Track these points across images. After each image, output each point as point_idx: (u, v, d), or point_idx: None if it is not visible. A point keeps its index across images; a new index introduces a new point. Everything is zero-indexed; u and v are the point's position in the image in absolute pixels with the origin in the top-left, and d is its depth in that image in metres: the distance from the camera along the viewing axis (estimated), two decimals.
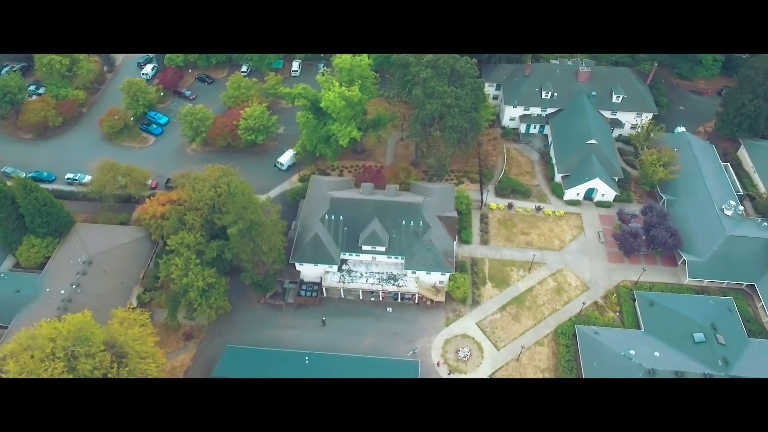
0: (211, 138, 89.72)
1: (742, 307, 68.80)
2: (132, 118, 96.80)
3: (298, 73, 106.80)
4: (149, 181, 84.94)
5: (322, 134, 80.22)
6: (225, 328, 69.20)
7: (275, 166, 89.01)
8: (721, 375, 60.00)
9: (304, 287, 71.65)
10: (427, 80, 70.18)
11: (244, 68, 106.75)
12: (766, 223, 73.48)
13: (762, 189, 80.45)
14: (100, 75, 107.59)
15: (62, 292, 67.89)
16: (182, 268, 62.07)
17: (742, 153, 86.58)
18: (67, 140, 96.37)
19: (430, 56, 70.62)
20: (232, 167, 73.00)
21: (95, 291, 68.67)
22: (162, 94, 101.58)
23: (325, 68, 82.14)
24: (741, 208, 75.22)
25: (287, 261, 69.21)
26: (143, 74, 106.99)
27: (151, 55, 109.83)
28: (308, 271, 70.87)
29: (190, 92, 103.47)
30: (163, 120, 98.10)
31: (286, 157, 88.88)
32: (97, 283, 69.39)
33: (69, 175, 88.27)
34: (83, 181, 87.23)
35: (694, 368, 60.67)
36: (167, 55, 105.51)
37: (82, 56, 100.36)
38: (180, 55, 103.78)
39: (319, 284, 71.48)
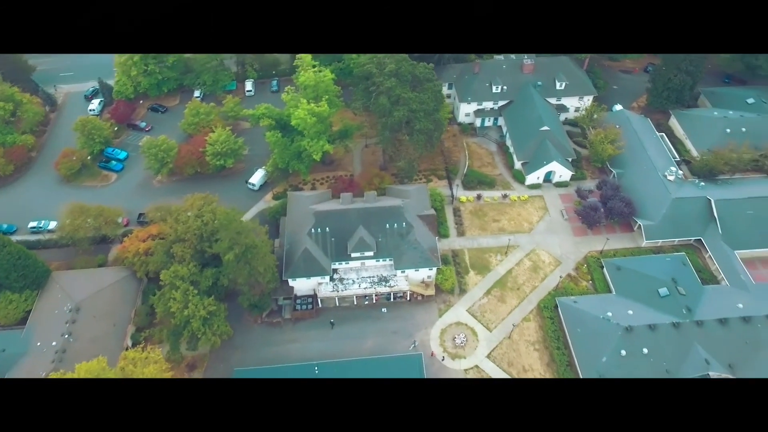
0: (178, 167, 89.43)
1: (694, 260, 77.16)
2: (89, 157, 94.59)
3: (252, 93, 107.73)
4: (120, 219, 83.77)
5: (293, 151, 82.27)
6: (227, 353, 70.13)
7: (247, 185, 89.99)
8: (687, 321, 67.70)
9: (299, 301, 73.66)
10: (392, 89, 73.91)
11: (197, 93, 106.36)
12: (703, 183, 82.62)
13: (694, 153, 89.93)
14: (44, 116, 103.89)
15: (54, 343, 66.56)
16: (181, 301, 62.64)
17: (673, 122, 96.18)
18: (22, 188, 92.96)
19: (391, 66, 74.45)
20: (210, 194, 73.90)
21: (88, 337, 67.80)
22: (116, 129, 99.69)
23: (288, 87, 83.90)
24: (680, 172, 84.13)
25: (280, 278, 71.01)
26: (90, 110, 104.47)
27: (97, 87, 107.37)
28: (301, 285, 72.94)
29: (144, 123, 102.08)
30: (122, 155, 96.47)
31: (257, 177, 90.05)
32: (89, 329, 68.46)
33: (32, 224, 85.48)
34: (49, 228, 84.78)
35: (664, 319, 67.99)
36: (116, 89, 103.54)
37: (25, 99, 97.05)
38: (129, 86, 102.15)
39: (314, 296, 73.74)
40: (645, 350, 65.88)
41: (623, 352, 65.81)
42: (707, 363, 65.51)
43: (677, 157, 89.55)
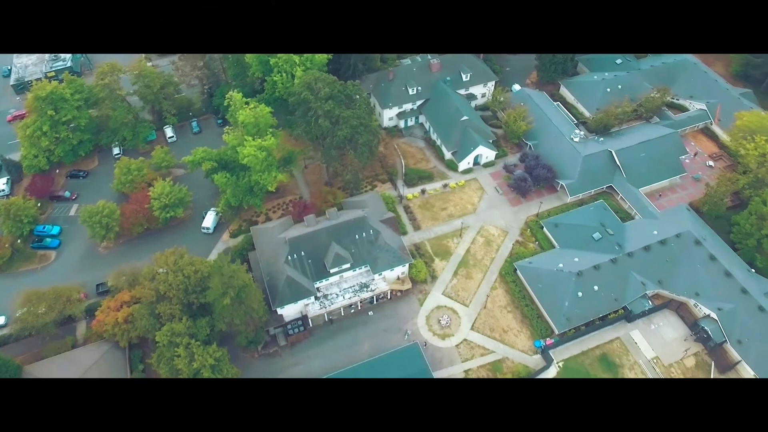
0: (125, 228, 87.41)
1: (611, 204, 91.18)
2: (19, 241, 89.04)
3: (174, 138, 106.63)
4: (79, 295, 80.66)
5: (243, 187, 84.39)
6: None
7: (202, 231, 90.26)
8: (620, 255, 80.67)
9: (290, 326, 76.77)
10: (331, 111, 78.95)
11: (116, 150, 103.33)
12: (601, 139, 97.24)
13: (587, 114, 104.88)
14: None
15: None
16: (186, 356, 63.47)
17: (564, 91, 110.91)
18: None
19: (326, 90, 79.37)
20: (179, 248, 74.29)
21: None
22: (39, 204, 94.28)
23: (227, 128, 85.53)
24: (582, 133, 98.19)
25: (270, 310, 73.66)
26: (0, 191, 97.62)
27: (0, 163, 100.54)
28: (289, 310, 76.09)
29: (68, 193, 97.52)
30: (55, 230, 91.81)
31: (209, 220, 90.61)
32: None
33: None
34: None
35: (603, 258, 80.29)
36: (25, 163, 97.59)
37: None
38: (42, 158, 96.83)
39: (303, 317, 77.25)
40: (596, 287, 77.88)
41: (580, 294, 77.26)
42: (643, 285, 79.05)
43: (575, 120, 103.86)
